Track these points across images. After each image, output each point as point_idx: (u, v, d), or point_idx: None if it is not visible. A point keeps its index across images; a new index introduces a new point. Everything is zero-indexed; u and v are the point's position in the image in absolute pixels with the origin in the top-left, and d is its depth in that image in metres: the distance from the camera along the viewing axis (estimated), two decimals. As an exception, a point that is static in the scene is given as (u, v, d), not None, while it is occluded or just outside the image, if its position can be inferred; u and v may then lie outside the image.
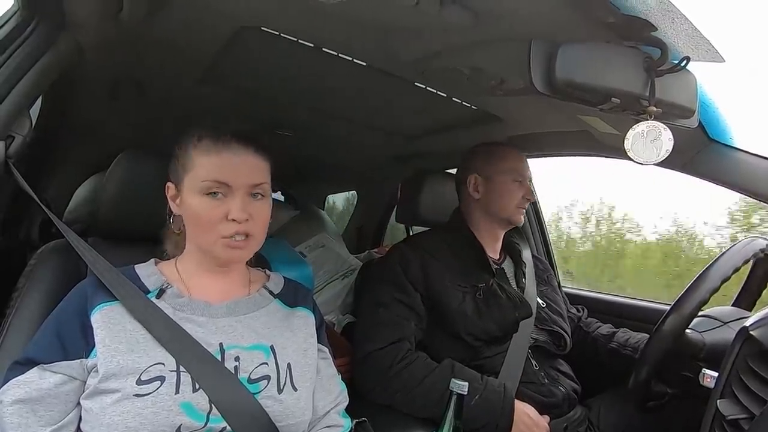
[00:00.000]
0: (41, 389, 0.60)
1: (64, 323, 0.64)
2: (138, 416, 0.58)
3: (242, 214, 0.66)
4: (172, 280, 0.70)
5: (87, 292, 0.66)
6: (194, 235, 0.70)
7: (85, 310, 0.64)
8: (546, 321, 1.11)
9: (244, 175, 0.67)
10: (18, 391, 0.59)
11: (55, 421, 0.60)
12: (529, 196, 1.12)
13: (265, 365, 0.67)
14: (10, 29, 0.74)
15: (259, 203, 0.69)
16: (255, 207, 0.68)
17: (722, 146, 0.88)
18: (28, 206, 1.32)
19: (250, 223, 0.67)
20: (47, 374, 0.61)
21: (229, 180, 0.67)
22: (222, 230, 0.67)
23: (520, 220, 1.13)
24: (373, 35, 0.80)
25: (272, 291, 0.76)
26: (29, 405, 0.59)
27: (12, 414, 0.58)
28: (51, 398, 0.60)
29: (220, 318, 0.69)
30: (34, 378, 0.60)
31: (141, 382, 0.60)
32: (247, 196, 0.68)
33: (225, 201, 0.67)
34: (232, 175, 0.67)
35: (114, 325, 0.63)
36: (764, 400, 0.64)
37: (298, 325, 0.75)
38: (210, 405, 0.61)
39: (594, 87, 0.62)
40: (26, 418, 0.59)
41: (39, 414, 0.59)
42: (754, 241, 0.90)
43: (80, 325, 0.63)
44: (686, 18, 0.57)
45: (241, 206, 0.66)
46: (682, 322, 0.85)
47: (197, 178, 0.67)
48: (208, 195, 0.67)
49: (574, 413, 1.06)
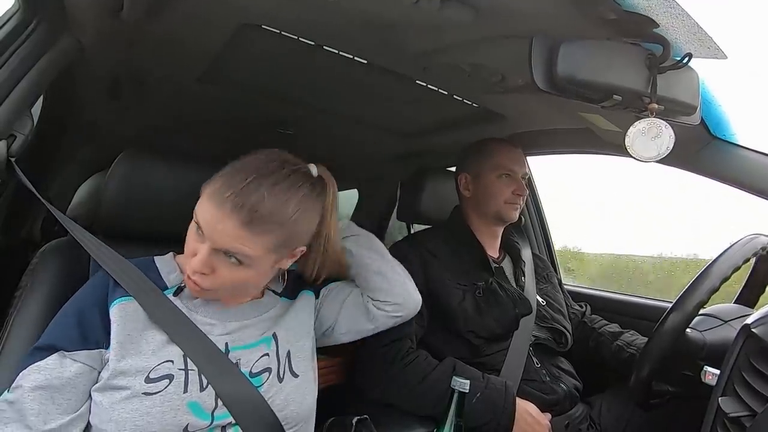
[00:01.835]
0: (62, 377, 0.60)
1: (85, 312, 0.64)
2: (146, 415, 0.59)
3: (196, 264, 0.63)
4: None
5: (109, 284, 0.67)
6: None
7: (106, 300, 0.65)
8: (547, 319, 1.11)
9: (214, 233, 0.62)
10: (38, 377, 0.59)
11: (74, 410, 0.60)
12: (519, 191, 1.10)
13: (266, 357, 0.69)
14: (10, 28, 0.74)
15: (232, 267, 0.64)
16: (225, 268, 0.64)
17: (724, 143, 0.87)
18: (30, 205, 1.33)
19: (209, 277, 0.64)
20: (68, 362, 0.61)
21: (203, 229, 0.63)
22: (187, 266, 0.65)
23: (512, 216, 1.11)
24: (374, 32, 0.80)
25: (275, 291, 0.78)
26: (48, 392, 0.59)
27: (33, 400, 0.58)
28: (70, 387, 0.61)
29: (230, 321, 0.70)
30: (55, 365, 0.60)
31: (150, 380, 0.61)
32: (217, 251, 0.63)
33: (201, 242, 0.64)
34: (205, 227, 0.63)
35: (128, 322, 0.64)
36: (766, 398, 0.64)
37: (300, 307, 0.77)
38: (216, 402, 0.62)
39: (595, 84, 0.62)
40: (46, 405, 0.59)
41: (57, 402, 0.60)
42: (755, 239, 0.89)
43: (101, 315, 0.64)
44: (688, 14, 0.56)
45: (201, 258, 0.63)
46: (682, 320, 0.85)
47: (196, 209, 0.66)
48: (195, 229, 0.65)
49: (575, 411, 1.06)
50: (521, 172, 1.12)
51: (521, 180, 1.12)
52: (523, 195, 1.12)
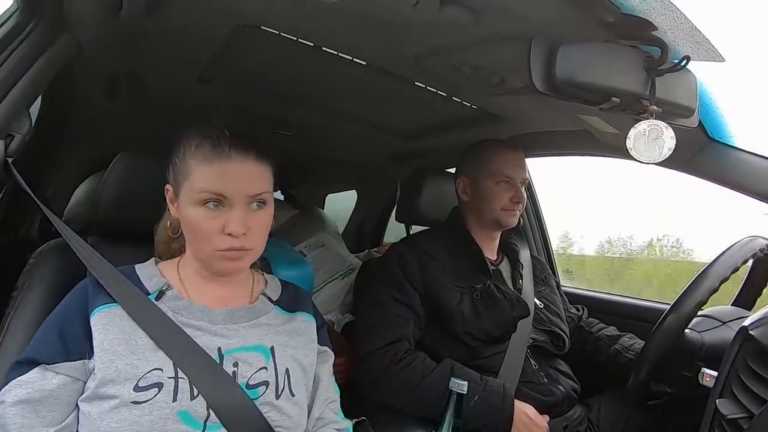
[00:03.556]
0: (44, 390, 0.59)
1: (66, 323, 0.63)
2: (135, 424, 0.57)
3: (239, 228, 0.63)
4: (172, 282, 0.69)
5: (88, 292, 0.65)
6: (191, 244, 0.69)
7: (86, 310, 0.63)
8: (544, 321, 1.11)
9: (242, 186, 0.64)
10: (20, 391, 0.59)
11: (58, 422, 0.59)
12: (517, 198, 1.08)
13: (264, 370, 0.66)
14: (9, 28, 0.74)
15: (259, 213, 0.66)
16: (254, 218, 0.65)
17: (722, 146, 0.88)
18: (27, 205, 1.32)
19: (248, 236, 0.64)
20: (49, 375, 0.60)
21: (227, 192, 0.63)
22: (218, 243, 0.64)
23: (510, 222, 1.10)
24: (373, 34, 0.80)
25: (271, 298, 0.75)
26: (31, 406, 0.58)
27: (15, 414, 0.58)
28: (53, 399, 0.59)
29: (218, 324, 0.67)
30: (37, 378, 0.59)
31: (139, 388, 0.59)
32: (246, 207, 0.64)
33: (222, 212, 0.64)
34: (229, 187, 0.63)
35: (112, 328, 0.62)
36: (763, 400, 0.64)
37: (299, 330, 0.74)
38: (208, 412, 0.60)
39: (594, 86, 0.62)
40: (29, 418, 0.58)
41: (41, 415, 0.59)
42: (753, 241, 0.90)
43: (82, 325, 0.62)
44: (686, 17, 0.57)
45: (239, 220, 0.63)
46: (681, 321, 0.85)
47: (194, 188, 0.64)
48: (204, 206, 0.64)
49: (573, 412, 1.07)
50: (520, 178, 1.10)
51: (519, 186, 1.10)
52: (522, 202, 1.10)
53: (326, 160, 1.87)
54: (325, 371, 0.75)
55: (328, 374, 0.76)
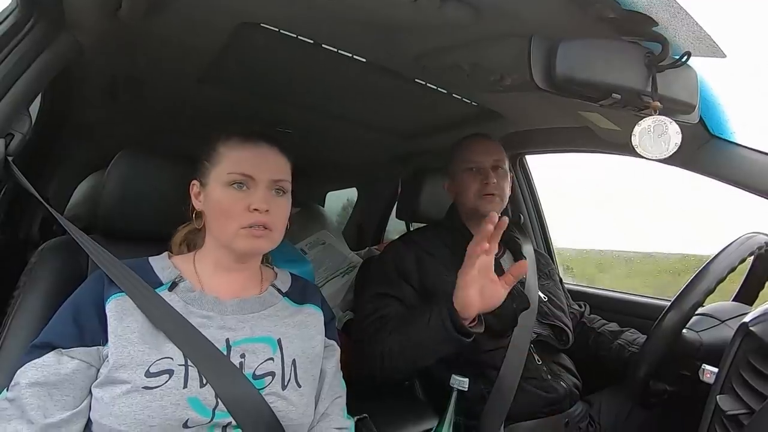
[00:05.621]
0: (59, 374, 0.60)
1: (82, 309, 0.65)
2: (146, 409, 0.59)
3: (263, 204, 0.69)
4: (186, 273, 0.72)
5: (105, 280, 0.67)
6: (215, 227, 0.72)
7: (102, 297, 0.65)
8: (548, 315, 1.11)
9: (268, 170, 0.71)
10: (35, 373, 0.60)
11: (73, 407, 0.60)
12: (486, 180, 1.07)
13: (270, 361, 0.68)
14: (8, 27, 0.74)
15: (279, 199, 0.73)
16: (276, 202, 0.72)
17: (723, 142, 0.88)
18: (28, 204, 1.33)
19: (270, 215, 0.70)
20: (65, 359, 0.61)
21: (254, 173, 0.70)
22: (243, 220, 0.69)
23: (487, 209, 1.06)
24: (373, 31, 0.80)
25: (280, 289, 0.77)
26: (46, 389, 0.59)
27: (31, 396, 0.59)
28: (68, 383, 0.61)
29: (228, 315, 0.70)
30: (52, 362, 0.61)
31: (150, 374, 0.61)
32: (269, 191, 0.71)
33: (248, 193, 0.70)
34: (257, 169, 0.71)
35: (126, 316, 0.64)
36: (764, 396, 0.64)
37: (306, 322, 0.76)
38: (216, 400, 0.62)
39: (594, 83, 0.62)
40: (44, 401, 0.59)
41: (55, 398, 0.60)
42: (753, 237, 0.89)
43: (97, 312, 0.64)
44: (687, 13, 0.56)
45: (263, 198, 0.70)
46: (680, 319, 0.85)
47: (224, 170, 0.71)
48: (232, 186, 0.70)
49: (575, 409, 1.07)
50: (489, 162, 1.09)
51: (490, 171, 1.09)
52: (492, 185, 1.07)
53: (327, 158, 1.87)
54: (332, 366, 0.77)
55: (335, 369, 0.77)
